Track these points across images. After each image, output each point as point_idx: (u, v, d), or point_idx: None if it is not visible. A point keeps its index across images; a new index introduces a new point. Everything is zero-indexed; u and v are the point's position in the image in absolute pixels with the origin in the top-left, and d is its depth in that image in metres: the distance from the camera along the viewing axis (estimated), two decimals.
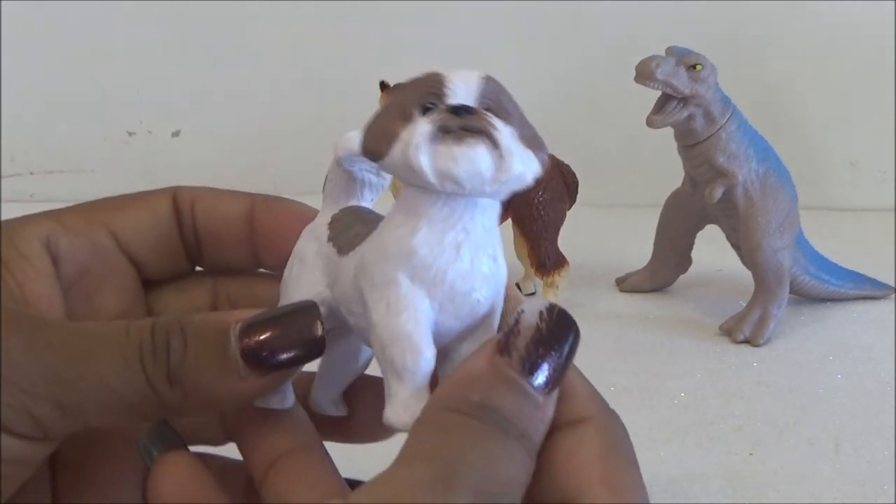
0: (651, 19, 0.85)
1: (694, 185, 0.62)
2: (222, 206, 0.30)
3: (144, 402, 0.24)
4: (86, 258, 0.28)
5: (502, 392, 0.22)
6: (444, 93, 0.22)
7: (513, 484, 0.21)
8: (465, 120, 0.22)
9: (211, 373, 0.24)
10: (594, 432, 0.23)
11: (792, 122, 0.86)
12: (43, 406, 0.23)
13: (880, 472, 0.44)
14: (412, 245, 0.23)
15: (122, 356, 0.23)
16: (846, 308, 0.63)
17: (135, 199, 0.30)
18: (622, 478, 0.22)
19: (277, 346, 0.24)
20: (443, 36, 0.89)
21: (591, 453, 0.22)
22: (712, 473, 0.44)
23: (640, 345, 0.59)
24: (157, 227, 0.29)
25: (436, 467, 0.20)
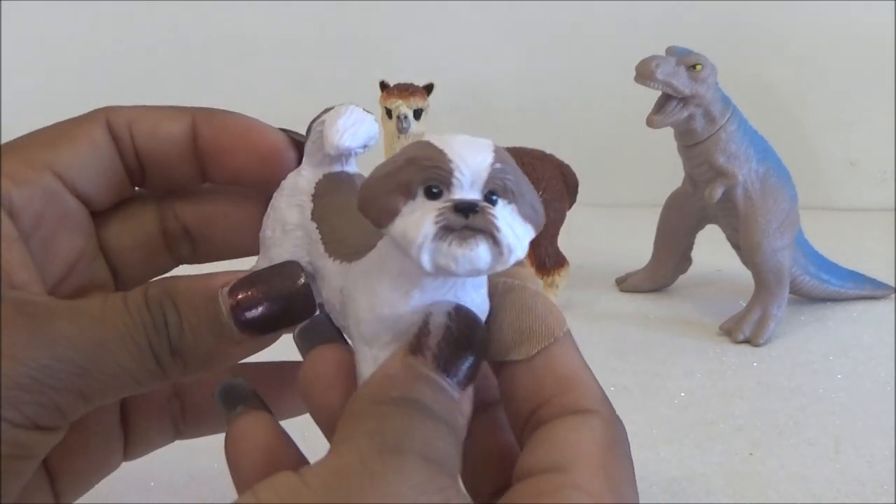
0: (651, 19, 0.85)
1: (694, 185, 0.62)
2: (163, 125, 0.30)
3: (151, 378, 0.25)
4: (39, 206, 0.27)
5: (419, 387, 0.22)
6: (451, 181, 0.22)
7: (450, 458, 0.21)
8: (470, 220, 0.22)
9: (208, 342, 0.25)
10: (600, 423, 0.23)
11: (792, 122, 0.86)
12: (69, 398, 0.24)
13: (880, 472, 0.44)
14: (404, 312, 0.23)
15: (134, 343, 0.24)
16: (846, 308, 0.63)
17: (68, 130, 0.29)
18: (619, 470, 0.22)
19: (265, 303, 0.25)
20: (443, 36, 0.89)
21: (593, 438, 0.22)
22: (712, 473, 0.44)
23: (640, 345, 0.59)
24: (99, 159, 0.29)
25: (379, 441, 0.20)
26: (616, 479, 0.22)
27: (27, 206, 0.27)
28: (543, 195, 0.62)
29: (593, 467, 0.22)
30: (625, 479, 0.22)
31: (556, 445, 0.22)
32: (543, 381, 0.24)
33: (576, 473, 0.21)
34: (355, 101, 0.29)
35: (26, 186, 0.27)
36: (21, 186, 0.27)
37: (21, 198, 0.27)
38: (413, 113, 0.61)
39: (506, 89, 0.90)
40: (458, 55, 0.89)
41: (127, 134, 0.29)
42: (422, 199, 0.22)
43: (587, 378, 0.24)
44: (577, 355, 0.24)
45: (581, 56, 0.88)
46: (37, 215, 0.27)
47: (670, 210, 0.66)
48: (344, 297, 0.25)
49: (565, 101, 0.89)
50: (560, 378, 0.24)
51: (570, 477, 0.21)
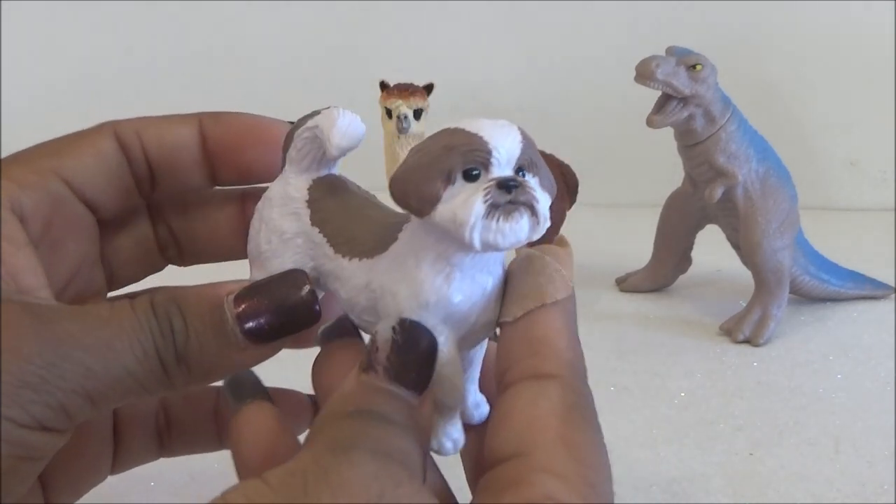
0: (651, 19, 0.85)
1: (694, 185, 0.62)
2: (171, 132, 0.30)
3: (156, 383, 0.25)
4: (47, 212, 0.28)
5: (373, 398, 0.23)
6: (489, 162, 0.23)
7: (407, 455, 0.21)
8: (513, 195, 0.23)
9: (213, 348, 0.25)
10: (557, 389, 0.23)
11: (792, 122, 0.86)
12: (75, 399, 0.24)
13: (880, 472, 0.44)
14: (449, 295, 0.24)
15: (140, 346, 0.24)
16: (846, 308, 0.63)
17: (76, 140, 0.29)
18: (579, 436, 0.22)
19: (270, 311, 0.25)
20: (443, 36, 0.89)
21: (550, 407, 0.22)
22: (712, 473, 0.44)
23: (640, 345, 0.59)
24: (105, 167, 0.29)
25: (332, 444, 0.21)
26: (577, 447, 0.22)
27: (37, 212, 0.27)
28: None
29: (553, 442, 0.22)
30: (587, 445, 0.22)
31: (515, 423, 0.22)
32: (515, 344, 0.24)
33: (537, 455, 0.22)
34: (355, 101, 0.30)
35: (35, 191, 0.27)
36: (30, 191, 0.27)
37: (31, 203, 0.27)
38: (413, 113, 0.61)
39: (506, 89, 0.90)
40: (458, 55, 0.89)
41: (137, 143, 0.30)
42: (461, 183, 0.23)
43: (560, 343, 0.24)
44: (561, 321, 0.24)
45: (581, 56, 0.88)
46: (46, 221, 0.27)
47: (670, 210, 0.66)
48: (375, 293, 0.25)
49: (565, 101, 0.89)
50: (531, 340, 0.24)
51: (531, 460, 0.21)
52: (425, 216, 0.23)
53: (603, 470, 0.22)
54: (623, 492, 0.42)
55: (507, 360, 0.24)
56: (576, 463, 0.21)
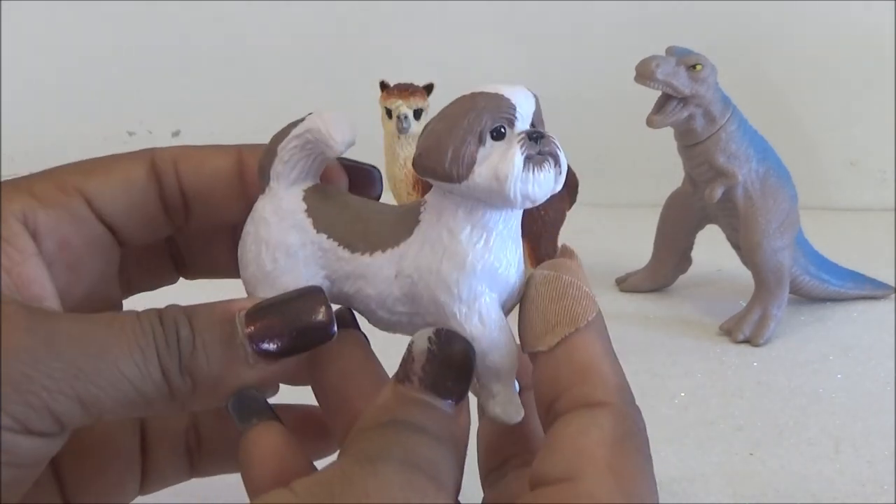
0: (651, 19, 0.85)
1: (694, 185, 0.62)
2: (210, 162, 0.29)
3: (157, 394, 0.24)
4: (65, 231, 0.27)
5: (409, 410, 0.23)
6: (514, 117, 0.25)
7: (436, 466, 0.21)
8: (541, 145, 0.24)
9: (220, 362, 0.24)
10: (609, 417, 0.23)
11: (792, 122, 0.86)
12: (63, 402, 0.23)
13: (880, 472, 0.44)
14: (493, 259, 0.25)
15: (140, 351, 0.24)
16: (846, 308, 0.63)
17: (108, 163, 0.29)
18: (629, 466, 0.22)
19: (284, 331, 0.25)
20: (443, 36, 0.89)
21: (601, 437, 0.22)
22: (712, 473, 0.44)
23: (640, 345, 0.59)
24: (132, 192, 0.29)
25: (361, 455, 0.21)
26: (626, 478, 0.22)
27: (53, 228, 0.27)
28: None
29: (601, 471, 0.22)
30: (636, 476, 0.22)
31: (566, 450, 0.22)
32: (560, 372, 0.24)
33: (585, 481, 0.21)
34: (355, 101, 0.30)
35: (54, 209, 0.27)
36: (49, 209, 0.27)
37: (48, 219, 0.27)
38: (413, 113, 0.61)
39: None
40: (458, 55, 0.89)
41: (172, 171, 0.29)
42: (490, 143, 0.24)
43: (605, 367, 0.24)
44: (599, 344, 0.25)
45: (581, 56, 0.88)
46: (62, 238, 0.27)
47: (670, 210, 0.66)
48: (411, 277, 0.25)
49: (565, 101, 0.89)
50: (576, 369, 0.24)
51: (579, 486, 0.21)
52: (464, 180, 0.24)
53: (648, 497, 0.23)
54: None
55: (555, 389, 0.24)
56: (622, 493, 0.22)
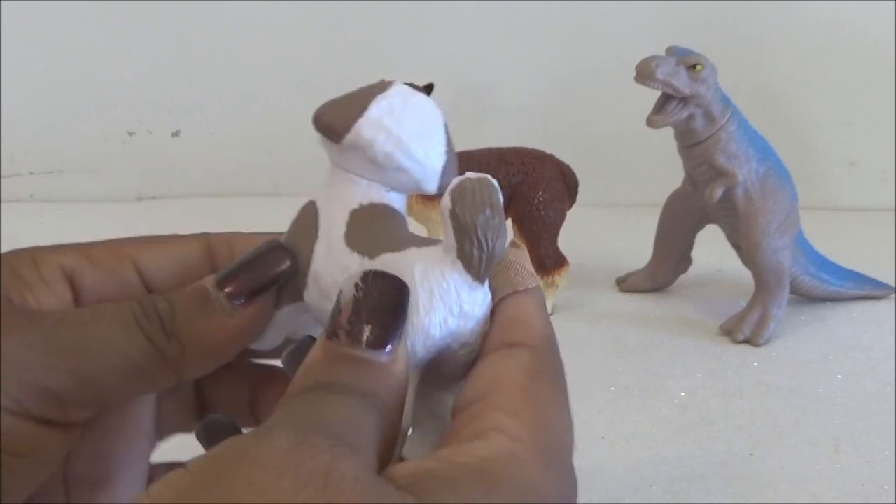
0: (651, 19, 0.85)
1: (694, 185, 0.62)
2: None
3: (148, 360, 0.25)
4: (109, 292, 0.28)
5: (334, 369, 0.22)
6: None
7: (351, 423, 0.21)
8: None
9: (200, 318, 0.26)
10: (526, 353, 0.23)
11: (792, 122, 0.86)
12: (58, 377, 0.23)
13: (880, 472, 0.44)
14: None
15: (119, 321, 0.25)
16: (846, 308, 0.63)
17: (165, 239, 0.30)
18: (541, 391, 0.22)
19: (253, 273, 0.26)
20: (443, 36, 0.89)
21: (517, 365, 0.23)
22: (712, 473, 0.44)
23: (640, 345, 0.59)
24: (185, 267, 0.29)
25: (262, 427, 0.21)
26: (538, 400, 0.22)
27: (96, 287, 0.28)
28: (543, 195, 0.62)
29: (514, 390, 0.22)
30: (548, 399, 0.22)
31: (482, 377, 0.23)
32: (497, 322, 0.25)
33: (496, 397, 0.22)
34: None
35: (102, 269, 0.28)
36: (97, 268, 0.28)
37: (94, 278, 0.28)
38: None
39: (506, 89, 0.90)
40: (458, 55, 0.89)
41: (226, 250, 0.30)
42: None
43: (532, 318, 0.24)
44: (533, 304, 0.25)
45: (581, 56, 0.88)
46: (104, 299, 0.28)
47: (670, 210, 0.66)
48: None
49: (565, 101, 0.89)
50: (505, 319, 0.24)
51: (488, 402, 0.22)
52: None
53: (561, 419, 0.22)
54: (623, 492, 0.42)
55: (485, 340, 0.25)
56: (531, 408, 0.22)
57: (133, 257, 0.29)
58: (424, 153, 0.26)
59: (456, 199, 0.24)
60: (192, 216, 0.87)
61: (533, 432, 0.21)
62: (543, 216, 0.62)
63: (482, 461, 0.20)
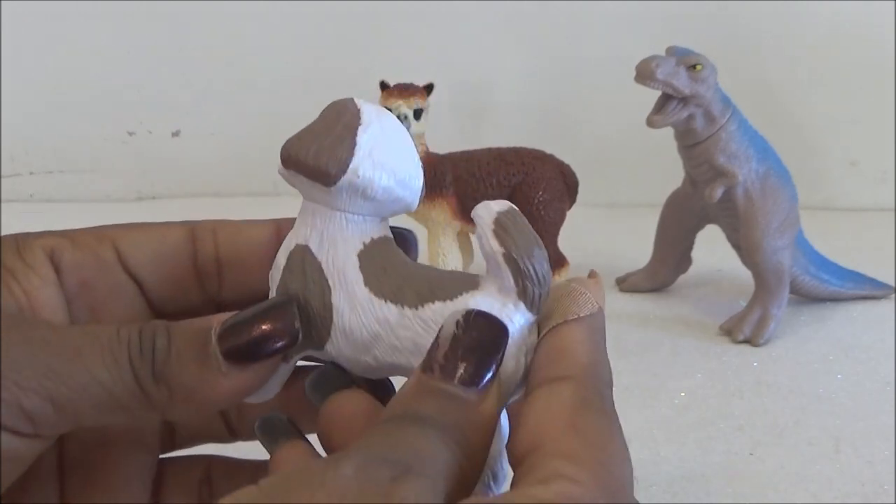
0: (651, 19, 0.85)
1: (694, 185, 0.62)
2: (246, 232, 0.30)
3: (133, 400, 0.24)
4: (88, 271, 0.28)
5: (422, 401, 0.22)
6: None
7: (424, 453, 0.21)
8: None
9: (192, 370, 0.25)
10: (569, 386, 0.23)
11: (792, 122, 0.86)
12: (34, 400, 0.23)
13: (880, 472, 0.44)
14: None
15: (111, 355, 0.24)
16: (846, 308, 0.63)
17: (149, 224, 0.30)
18: (591, 424, 0.22)
19: (254, 339, 0.25)
20: (443, 36, 0.89)
21: (561, 403, 0.23)
22: (712, 473, 0.44)
23: (640, 345, 0.59)
24: (165, 251, 0.29)
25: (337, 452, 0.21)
26: (588, 433, 0.22)
27: (75, 268, 0.28)
28: (543, 195, 0.62)
29: (562, 430, 0.22)
30: (599, 430, 0.22)
31: (529, 423, 0.23)
32: (537, 358, 0.24)
33: (547, 444, 0.22)
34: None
35: (81, 250, 0.28)
36: (77, 249, 0.28)
37: (73, 258, 0.28)
38: (413, 113, 0.61)
39: (506, 89, 0.90)
40: (458, 55, 0.89)
41: (210, 237, 0.30)
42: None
43: (579, 349, 0.24)
44: (583, 333, 0.25)
45: (581, 56, 0.88)
46: (84, 278, 0.28)
47: (670, 210, 0.66)
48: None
49: (565, 101, 0.89)
50: (551, 351, 0.24)
51: (543, 450, 0.22)
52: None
53: (617, 452, 0.22)
54: None
55: (530, 375, 0.24)
56: (585, 445, 0.21)
57: (113, 239, 0.29)
58: (412, 176, 0.26)
59: (504, 240, 0.24)
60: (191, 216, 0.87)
61: (592, 470, 0.21)
62: (543, 216, 0.62)
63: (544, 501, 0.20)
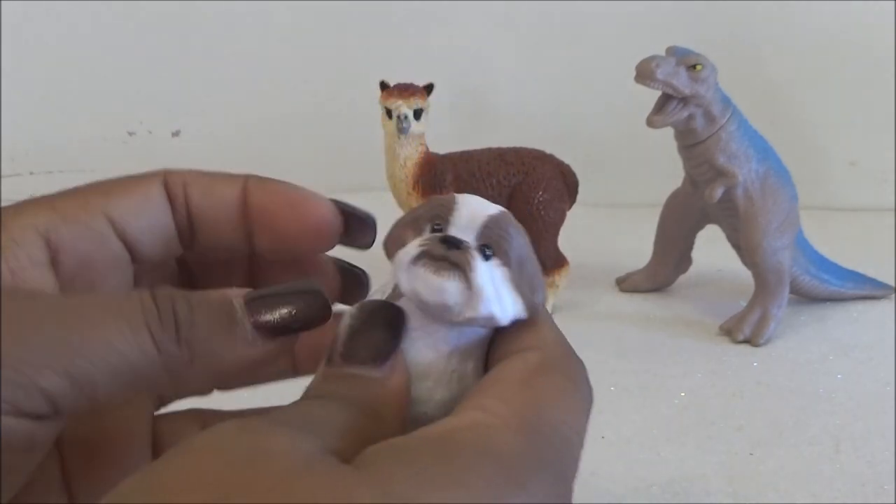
0: (651, 19, 0.85)
1: (694, 185, 0.62)
2: (216, 189, 0.30)
3: (151, 366, 0.24)
4: (86, 248, 0.27)
5: (327, 384, 0.23)
6: (448, 219, 0.24)
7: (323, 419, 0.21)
8: (449, 252, 0.23)
9: (221, 336, 0.24)
10: (535, 355, 0.23)
11: (792, 122, 0.86)
12: (51, 377, 0.22)
13: (880, 472, 0.44)
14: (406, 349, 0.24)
15: (126, 320, 0.23)
16: (846, 308, 0.63)
17: (126, 183, 0.29)
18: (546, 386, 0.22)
19: (284, 309, 0.25)
20: (443, 36, 0.89)
21: (524, 365, 0.22)
22: (712, 473, 0.44)
23: (640, 345, 0.59)
24: (151, 212, 0.29)
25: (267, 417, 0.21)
26: (535, 390, 0.22)
27: (74, 246, 0.27)
28: (543, 195, 0.62)
29: (511, 382, 0.22)
30: (549, 395, 0.22)
31: (484, 382, 0.23)
32: (503, 335, 0.25)
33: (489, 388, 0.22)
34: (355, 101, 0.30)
35: (77, 225, 0.27)
36: (71, 224, 0.27)
37: (70, 236, 0.27)
38: (413, 113, 0.61)
39: (506, 89, 0.90)
40: (458, 55, 0.89)
41: (181, 193, 0.29)
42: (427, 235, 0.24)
43: (543, 327, 0.24)
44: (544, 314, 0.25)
45: (581, 56, 0.88)
46: (83, 256, 0.27)
47: (670, 210, 0.66)
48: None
49: (565, 101, 0.89)
50: (516, 331, 0.24)
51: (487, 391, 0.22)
52: (389, 258, 0.24)
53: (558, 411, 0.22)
54: (623, 492, 0.42)
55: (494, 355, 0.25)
56: (523, 395, 0.21)
57: (101, 207, 0.28)
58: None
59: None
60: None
61: (515, 408, 0.21)
62: (543, 216, 0.62)
63: (445, 431, 0.20)
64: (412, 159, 0.62)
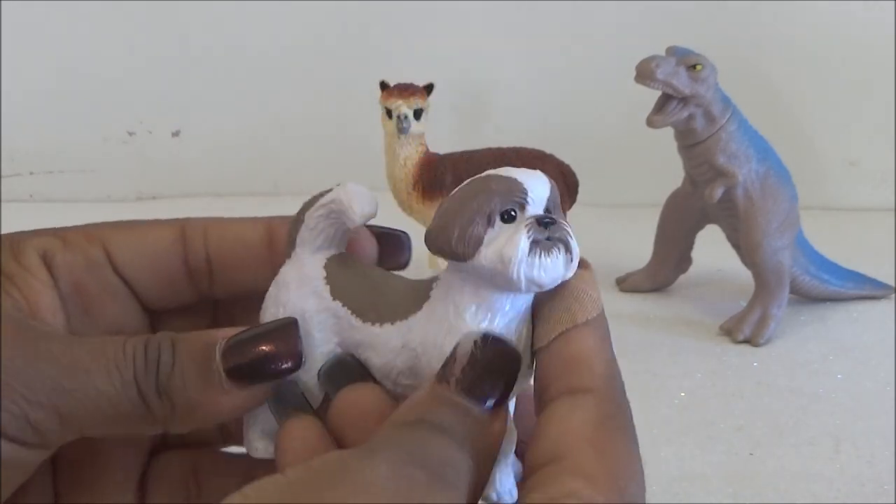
0: (651, 19, 0.85)
1: (694, 185, 0.62)
2: (237, 230, 0.30)
3: (136, 414, 0.25)
4: (80, 273, 0.28)
5: (439, 410, 0.23)
6: (525, 202, 0.25)
7: (451, 465, 0.21)
8: (550, 231, 0.24)
9: (195, 385, 0.25)
10: (591, 400, 0.23)
11: (792, 122, 0.86)
12: (41, 413, 0.24)
13: (880, 472, 0.44)
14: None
15: (118, 370, 0.25)
16: (846, 308, 0.63)
17: (138, 223, 0.30)
18: (612, 444, 0.22)
19: (258, 360, 0.25)
20: (443, 36, 0.89)
21: (584, 418, 0.23)
22: (712, 473, 0.44)
23: (640, 345, 0.59)
24: (155, 252, 0.29)
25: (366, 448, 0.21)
26: (609, 453, 0.22)
27: (68, 270, 0.28)
28: None
29: (584, 447, 0.22)
30: (619, 451, 0.22)
31: (551, 434, 0.23)
32: (551, 365, 0.24)
33: (567, 458, 0.22)
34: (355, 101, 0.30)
35: (72, 252, 0.28)
36: (68, 250, 0.28)
37: (65, 259, 0.28)
38: (413, 113, 0.61)
39: (506, 89, 0.90)
40: (458, 55, 0.89)
41: (200, 235, 0.30)
42: (500, 225, 0.24)
43: (594, 359, 0.24)
44: (593, 339, 0.25)
45: (581, 56, 0.88)
46: (77, 280, 0.28)
47: (670, 210, 0.66)
48: (415, 351, 0.26)
49: (565, 102, 0.89)
50: (566, 360, 0.24)
51: (561, 464, 0.22)
52: (469, 260, 0.24)
53: (634, 476, 0.22)
54: None
55: (544, 381, 0.24)
56: (605, 466, 0.22)
57: (103, 239, 0.29)
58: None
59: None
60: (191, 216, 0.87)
61: (607, 495, 0.21)
62: None
63: None
64: (412, 159, 0.62)
